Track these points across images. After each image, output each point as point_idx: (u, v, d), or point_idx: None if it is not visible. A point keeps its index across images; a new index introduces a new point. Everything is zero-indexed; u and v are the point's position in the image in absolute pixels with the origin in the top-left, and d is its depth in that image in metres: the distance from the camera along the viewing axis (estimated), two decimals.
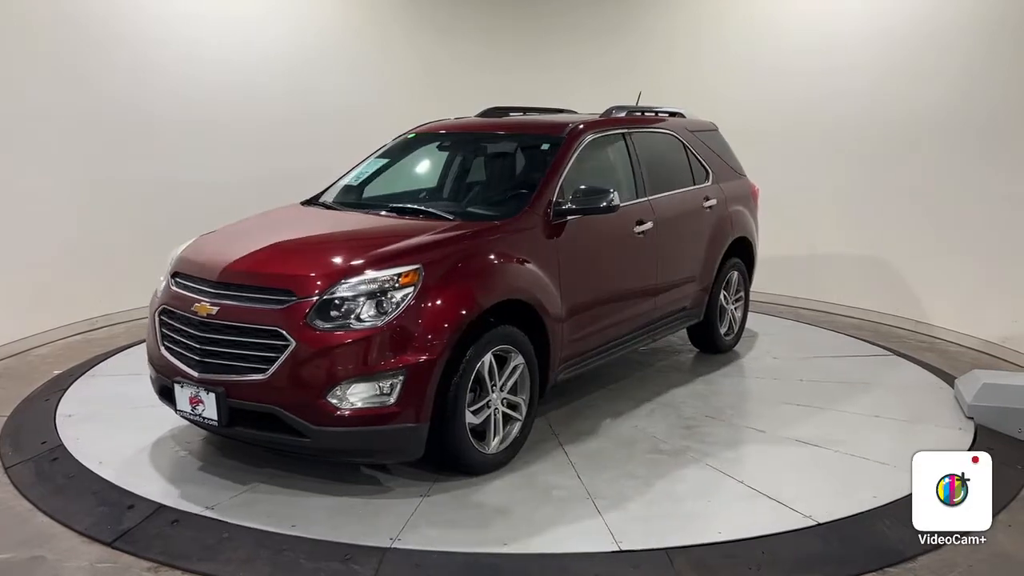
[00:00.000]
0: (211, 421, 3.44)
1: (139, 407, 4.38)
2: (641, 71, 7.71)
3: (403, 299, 3.36)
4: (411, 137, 5.13)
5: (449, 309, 3.44)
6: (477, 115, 5.43)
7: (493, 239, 3.85)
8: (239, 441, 3.81)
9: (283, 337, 3.29)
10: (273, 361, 3.29)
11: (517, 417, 3.88)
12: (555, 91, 7.54)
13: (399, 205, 4.41)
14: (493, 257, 3.78)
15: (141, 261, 5.90)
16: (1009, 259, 5.86)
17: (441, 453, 3.60)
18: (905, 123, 6.51)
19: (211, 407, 3.40)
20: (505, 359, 3.77)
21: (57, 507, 3.44)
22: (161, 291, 3.84)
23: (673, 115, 5.56)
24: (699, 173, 5.45)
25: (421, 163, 5.13)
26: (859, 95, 6.76)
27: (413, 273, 3.42)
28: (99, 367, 5.30)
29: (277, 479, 3.66)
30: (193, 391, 3.45)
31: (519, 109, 5.51)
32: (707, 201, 5.36)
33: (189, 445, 4.03)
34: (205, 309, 3.46)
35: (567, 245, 4.14)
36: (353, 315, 3.32)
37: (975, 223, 6.09)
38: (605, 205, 4.10)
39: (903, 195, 6.58)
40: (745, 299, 5.96)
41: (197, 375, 3.45)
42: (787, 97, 7.18)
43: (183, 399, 3.50)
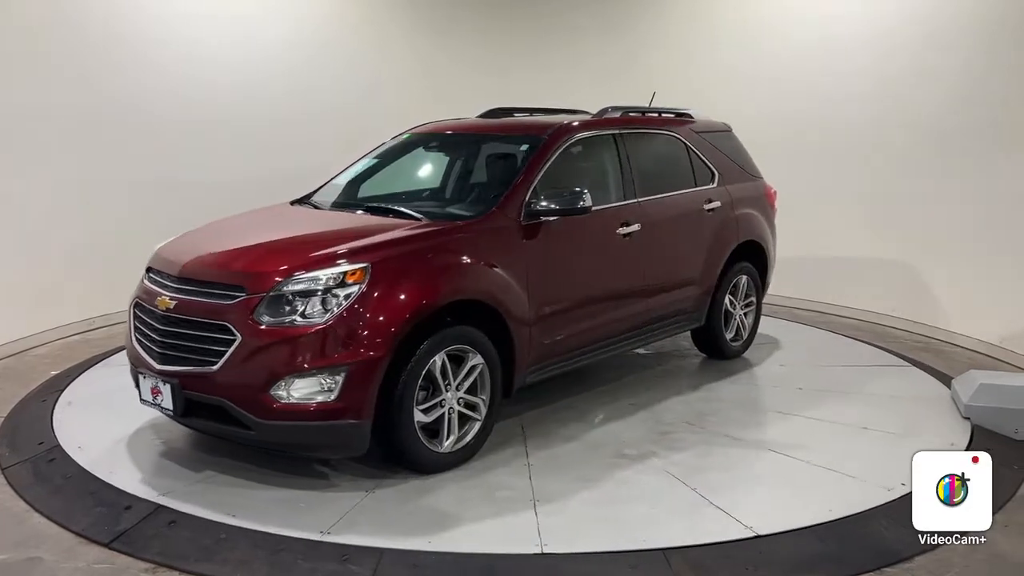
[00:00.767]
0: (168, 411, 3.59)
1: (137, 407, 4.34)
2: (644, 70, 7.73)
3: (347, 297, 3.41)
4: (403, 138, 5.16)
5: (395, 308, 3.47)
6: (478, 116, 5.43)
7: (453, 239, 3.87)
8: (198, 431, 3.94)
9: (231, 331, 3.39)
10: (222, 355, 3.39)
11: (476, 417, 3.87)
12: (555, 91, 7.53)
13: (375, 205, 4.47)
14: (450, 257, 3.79)
15: (140, 261, 5.79)
16: (1006, 259, 5.86)
17: (390, 450, 3.66)
18: (900, 126, 6.51)
19: (168, 397, 3.54)
20: (462, 359, 3.78)
21: (54, 508, 3.44)
22: (137, 285, 4.00)
23: (680, 116, 5.47)
24: (703, 175, 5.33)
25: (409, 164, 5.13)
26: (856, 95, 6.76)
27: (360, 272, 3.47)
28: (97, 367, 5.30)
29: (232, 470, 3.75)
30: (153, 382, 3.59)
31: (524, 110, 5.46)
32: (709, 203, 5.25)
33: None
34: (165, 303, 3.61)
35: (540, 246, 4.12)
36: (298, 312, 3.39)
37: (972, 224, 6.10)
38: (577, 206, 4.08)
39: (901, 196, 6.58)
40: (757, 305, 5.79)
41: (157, 366, 3.59)
42: (787, 97, 7.19)
43: (146, 389, 3.67)
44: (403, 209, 4.25)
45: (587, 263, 4.46)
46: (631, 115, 5.09)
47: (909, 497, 3.39)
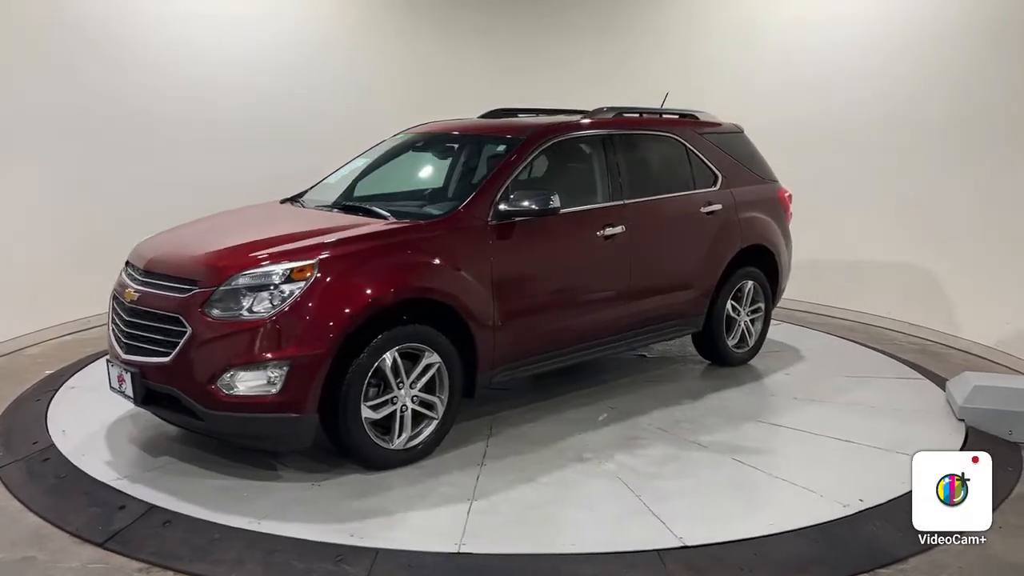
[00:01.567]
0: (130, 398, 3.72)
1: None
2: (644, 70, 7.75)
3: (292, 293, 3.47)
4: (394, 139, 5.18)
5: (339, 305, 3.53)
6: (480, 116, 5.43)
7: (410, 238, 3.90)
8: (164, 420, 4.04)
9: (183, 324, 3.50)
10: (175, 346, 3.51)
11: (432, 416, 3.88)
12: (555, 91, 7.54)
13: (353, 204, 4.52)
14: (404, 256, 3.82)
15: None
16: (1001, 262, 5.87)
17: (340, 445, 3.70)
18: (899, 127, 6.53)
19: (129, 385, 3.68)
20: (418, 357, 3.79)
21: (48, 507, 3.43)
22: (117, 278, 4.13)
23: (684, 117, 5.40)
24: (703, 177, 5.22)
25: (399, 164, 5.12)
26: (856, 97, 6.78)
27: (308, 268, 3.54)
28: (91, 367, 5.27)
29: (193, 459, 3.87)
30: (119, 370, 3.74)
31: (529, 111, 5.43)
32: (708, 206, 5.14)
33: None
34: (130, 295, 3.76)
35: (510, 247, 4.12)
36: (245, 306, 3.47)
37: (969, 225, 6.11)
38: (544, 207, 4.07)
39: (900, 197, 6.60)
40: (766, 311, 5.59)
41: (123, 356, 3.74)
42: (787, 98, 7.20)
43: (114, 377, 3.82)
44: (375, 209, 4.29)
45: (562, 265, 4.41)
46: (627, 116, 5.05)
47: (865, 513, 3.40)
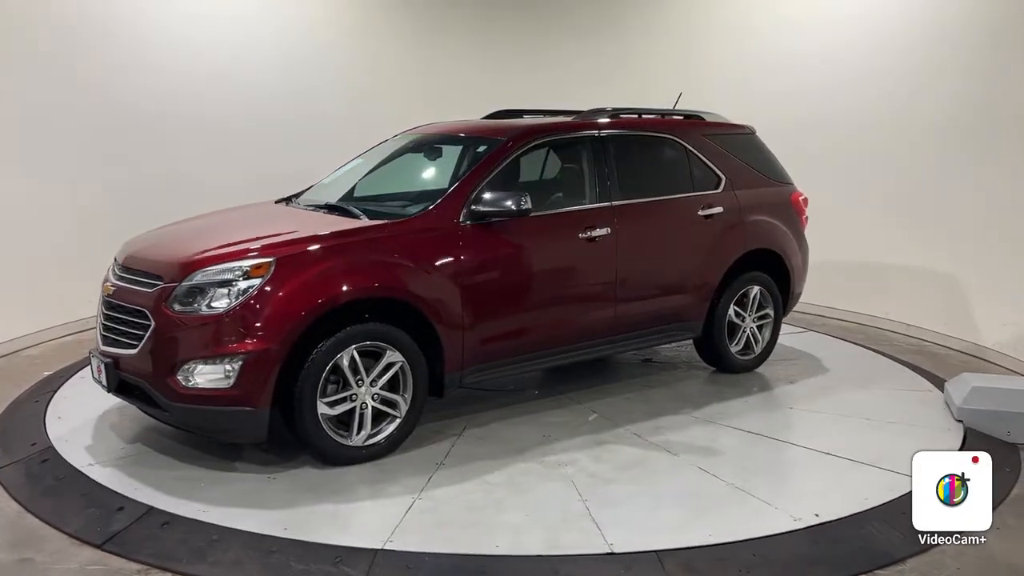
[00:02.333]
0: (105, 387, 3.86)
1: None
2: (645, 70, 7.76)
3: (248, 289, 3.56)
4: (389, 140, 5.20)
5: (293, 302, 3.60)
6: (483, 118, 5.42)
7: (374, 238, 3.93)
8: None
9: (147, 317, 3.65)
10: (142, 339, 3.66)
11: (395, 414, 3.91)
12: (555, 91, 7.55)
13: (337, 204, 4.57)
14: (366, 255, 3.86)
15: None
16: (1001, 262, 5.88)
17: (297, 439, 3.77)
18: (899, 129, 6.54)
19: (104, 375, 3.81)
20: (380, 355, 3.81)
21: (47, 509, 3.43)
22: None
23: (688, 117, 5.29)
24: (705, 179, 5.09)
25: (393, 166, 5.13)
26: (855, 98, 6.79)
27: (265, 266, 3.62)
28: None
29: (168, 450, 3.98)
30: (98, 361, 3.88)
31: (534, 112, 5.39)
32: (708, 209, 5.01)
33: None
34: (107, 289, 3.96)
35: (482, 247, 4.12)
36: (205, 302, 3.58)
37: (969, 225, 6.11)
38: (514, 208, 4.07)
39: (899, 198, 6.60)
40: (775, 317, 5.42)
41: (101, 347, 3.93)
42: (787, 98, 7.21)
43: (95, 367, 3.94)
44: (351, 209, 4.35)
45: (538, 266, 4.38)
46: (623, 117, 4.99)
47: (818, 527, 3.36)
